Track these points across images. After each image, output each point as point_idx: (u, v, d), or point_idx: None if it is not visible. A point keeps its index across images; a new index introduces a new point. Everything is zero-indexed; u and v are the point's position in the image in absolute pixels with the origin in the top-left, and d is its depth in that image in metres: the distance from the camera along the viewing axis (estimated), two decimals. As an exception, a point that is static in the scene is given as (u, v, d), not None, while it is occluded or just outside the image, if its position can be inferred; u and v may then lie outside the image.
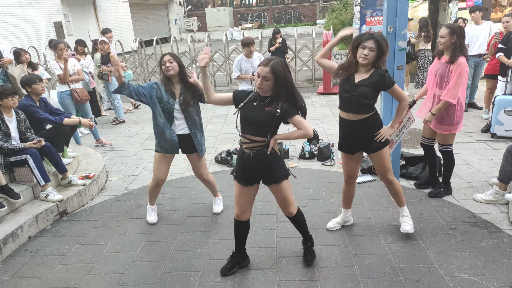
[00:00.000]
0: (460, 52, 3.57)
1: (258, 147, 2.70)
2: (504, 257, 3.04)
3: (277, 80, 2.55)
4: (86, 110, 6.24)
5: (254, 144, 2.69)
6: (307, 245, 3.14)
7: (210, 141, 6.20)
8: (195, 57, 10.78)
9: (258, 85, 2.58)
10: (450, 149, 3.92)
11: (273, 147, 2.70)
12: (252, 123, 2.68)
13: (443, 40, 3.61)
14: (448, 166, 4.00)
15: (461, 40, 3.57)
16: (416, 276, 2.88)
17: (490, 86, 6.33)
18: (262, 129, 2.66)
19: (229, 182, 4.68)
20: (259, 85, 2.58)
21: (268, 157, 2.71)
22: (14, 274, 3.20)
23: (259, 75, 2.56)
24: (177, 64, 3.39)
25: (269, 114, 2.61)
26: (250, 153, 2.72)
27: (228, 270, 3.01)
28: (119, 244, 3.54)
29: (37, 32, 15.61)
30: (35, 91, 4.55)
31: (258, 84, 2.58)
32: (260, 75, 2.56)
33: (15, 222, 3.65)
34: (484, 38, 6.67)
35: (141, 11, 25.58)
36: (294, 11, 30.55)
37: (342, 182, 3.52)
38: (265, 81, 2.55)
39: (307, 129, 2.68)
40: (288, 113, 2.63)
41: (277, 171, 2.77)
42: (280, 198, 2.87)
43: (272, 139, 2.69)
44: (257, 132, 2.67)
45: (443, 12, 9.86)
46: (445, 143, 3.90)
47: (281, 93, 2.60)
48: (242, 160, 2.82)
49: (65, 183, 4.39)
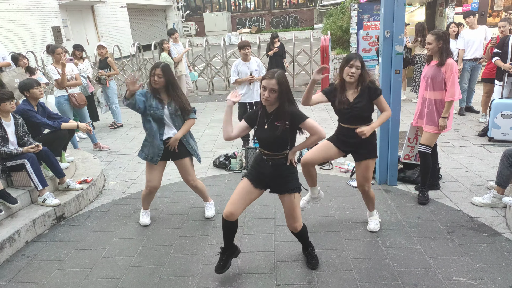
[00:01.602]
0: (447, 55, 3.78)
1: (277, 159, 2.80)
2: (502, 260, 3.04)
3: (281, 90, 2.65)
4: (84, 115, 6.24)
5: (274, 156, 2.80)
6: (308, 250, 3.14)
7: (208, 145, 6.21)
8: (194, 61, 10.81)
9: (266, 98, 2.66)
10: (429, 151, 3.95)
11: (291, 159, 2.81)
12: (269, 142, 2.78)
13: (430, 47, 3.82)
14: (424, 169, 4.01)
15: (447, 44, 3.79)
16: (414, 280, 2.88)
17: (487, 90, 6.36)
18: (280, 145, 2.77)
19: (227, 186, 4.68)
20: (267, 98, 2.66)
21: (286, 168, 2.82)
22: (11, 279, 3.19)
23: (265, 88, 2.65)
24: (163, 81, 3.46)
25: (281, 128, 2.71)
26: (269, 161, 2.82)
27: (222, 268, 2.97)
28: (117, 249, 3.53)
29: (35, 37, 15.63)
30: (33, 95, 4.55)
31: (265, 97, 2.66)
32: (266, 88, 2.64)
33: (12, 227, 3.64)
34: (480, 43, 6.71)
35: (139, 16, 25.65)
36: (292, 16, 30.69)
37: (340, 185, 3.53)
38: (273, 93, 2.64)
39: (320, 131, 2.75)
40: (298, 120, 2.72)
41: (292, 182, 2.86)
42: (289, 210, 2.90)
43: (290, 152, 2.81)
44: (276, 148, 2.79)
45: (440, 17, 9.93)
46: (427, 143, 3.94)
47: (284, 103, 2.69)
48: (258, 164, 2.90)
49: (62, 187, 4.38)
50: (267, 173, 2.85)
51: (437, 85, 3.83)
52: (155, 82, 3.46)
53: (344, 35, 11.67)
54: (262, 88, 2.67)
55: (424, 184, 4.05)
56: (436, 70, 3.82)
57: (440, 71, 3.79)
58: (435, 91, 3.85)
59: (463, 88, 6.90)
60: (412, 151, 4.45)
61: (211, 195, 4.45)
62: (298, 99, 3.26)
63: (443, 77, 3.77)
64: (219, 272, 2.98)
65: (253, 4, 32.04)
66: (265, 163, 2.84)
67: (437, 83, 3.82)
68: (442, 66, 3.76)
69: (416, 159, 4.42)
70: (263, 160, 2.86)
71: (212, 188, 4.66)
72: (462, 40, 6.75)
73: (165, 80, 3.46)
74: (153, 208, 4.20)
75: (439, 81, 3.80)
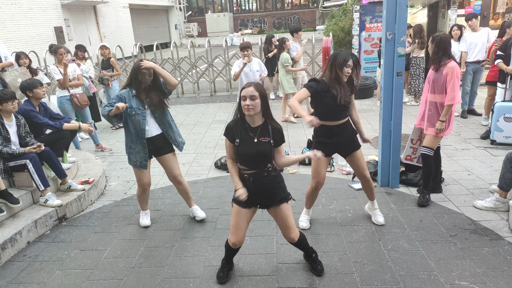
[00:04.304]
0: (447, 57, 3.78)
1: (257, 173, 2.73)
2: (504, 264, 3.03)
3: (261, 98, 2.62)
4: (86, 115, 6.24)
5: (254, 171, 2.73)
6: (311, 257, 3.08)
7: (210, 146, 6.21)
8: (195, 62, 10.82)
9: (248, 108, 2.59)
10: (431, 154, 3.95)
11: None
12: (253, 158, 2.70)
13: (431, 51, 3.87)
14: (427, 171, 4.00)
15: (443, 47, 3.79)
16: (416, 284, 2.87)
17: (491, 93, 6.33)
18: (264, 160, 2.72)
19: (229, 187, 4.68)
20: (250, 107, 2.59)
21: (268, 179, 2.74)
22: (13, 280, 3.19)
23: (245, 97, 2.59)
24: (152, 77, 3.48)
25: (267, 144, 2.67)
26: (250, 178, 2.73)
27: (224, 278, 3.02)
28: (118, 250, 3.53)
29: (37, 37, 15.65)
30: (36, 95, 4.55)
31: (248, 106, 2.58)
32: (246, 97, 2.58)
33: (14, 227, 3.64)
34: (483, 45, 6.69)
35: (142, 16, 25.67)
36: (294, 17, 30.68)
37: (342, 188, 3.53)
38: (253, 100, 2.59)
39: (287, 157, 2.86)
40: (281, 141, 2.75)
41: (278, 193, 2.79)
42: (281, 222, 2.85)
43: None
44: (259, 163, 2.72)
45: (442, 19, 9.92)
46: (429, 145, 3.94)
47: (266, 114, 2.68)
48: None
49: (64, 188, 4.38)
50: (252, 191, 2.72)
51: (438, 88, 3.83)
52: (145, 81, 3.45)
53: (346, 36, 11.68)
54: (242, 99, 2.60)
55: (426, 187, 4.04)
56: (438, 72, 3.81)
57: (441, 74, 3.78)
58: (437, 93, 3.85)
59: (465, 91, 6.89)
60: (415, 153, 4.44)
61: (212, 197, 4.46)
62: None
63: (444, 80, 3.76)
64: (223, 282, 3.00)
65: (255, 5, 32.04)
66: (245, 180, 2.73)
67: (439, 86, 3.81)
68: (445, 68, 3.75)
69: (418, 161, 4.41)
70: (243, 178, 2.74)
71: (213, 190, 4.66)
72: (464, 42, 6.74)
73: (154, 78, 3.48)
74: (155, 210, 4.20)
75: (441, 84, 3.79)
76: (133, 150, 3.60)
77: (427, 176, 4.01)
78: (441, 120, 3.81)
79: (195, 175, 5.16)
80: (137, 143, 3.55)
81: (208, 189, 4.71)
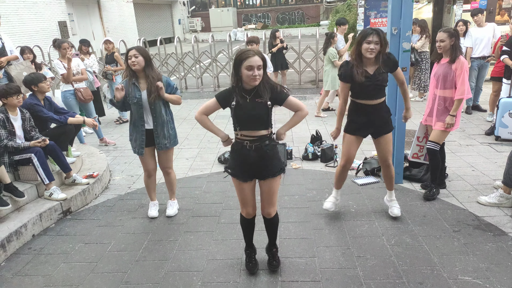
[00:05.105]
0: (459, 52, 3.78)
1: (259, 140, 2.69)
2: (508, 260, 3.03)
3: (264, 65, 2.58)
4: (90, 110, 6.26)
5: (255, 138, 2.69)
6: (272, 251, 3.08)
7: (213, 141, 6.21)
8: (199, 57, 10.81)
9: (256, 78, 2.52)
10: (437, 148, 3.94)
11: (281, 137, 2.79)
12: (250, 120, 2.66)
13: (443, 44, 3.78)
14: (433, 166, 4.00)
15: (457, 41, 3.79)
16: (419, 279, 2.88)
17: (496, 89, 6.30)
18: (261, 123, 2.67)
19: (232, 182, 4.67)
20: (257, 77, 2.52)
21: (269, 148, 2.72)
22: (18, 272, 3.22)
23: (252, 67, 2.50)
24: (142, 59, 3.45)
25: (262, 105, 2.62)
26: (252, 146, 2.68)
27: (254, 267, 3.04)
28: (122, 243, 3.55)
29: (41, 31, 15.68)
30: (41, 89, 4.57)
31: (256, 77, 2.51)
32: (254, 67, 2.50)
33: (19, 220, 3.67)
34: (488, 40, 6.65)
35: (145, 11, 25.66)
36: (298, 12, 30.56)
37: (345, 183, 3.54)
38: (260, 70, 2.54)
39: (304, 106, 2.76)
40: (280, 96, 2.66)
41: (276, 164, 2.78)
42: (267, 195, 2.83)
43: (281, 130, 2.78)
44: (257, 126, 2.67)
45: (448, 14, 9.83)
46: (436, 140, 3.93)
47: (263, 78, 2.60)
48: (240, 155, 2.74)
49: (69, 182, 4.41)
50: (251, 160, 2.70)
51: (448, 83, 3.81)
52: (133, 64, 3.42)
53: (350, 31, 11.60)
54: (247, 68, 2.50)
55: (433, 181, 4.04)
56: (447, 67, 3.80)
57: (451, 69, 3.77)
58: (446, 89, 3.84)
59: (470, 87, 6.85)
60: (422, 150, 4.42)
61: (216, 191, 4.47)
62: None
63: (454, 75, 3.76)
64: (253, 272, 3.02)
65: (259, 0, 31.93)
66: (247, 149, 2.68)
67: (448, 81, 3.80)
68: (453, 63, 3.75)
69: (425, 159, 4.39)
70: (244, 147, 2.70)
71: (217, 184, 4.67)
72: (470, 38, 6.69)
73: (144, 58, 3.45)
74: (159, 204, 4.22)
75: (450, 79, 3.78)
76: (132, 137, 3.74)
77: (434, 170, 4.00)
78: (451, 115, 3.81)
79: (199, 170, 5.18)
80: (134, 130, 3.69)
81: (212, 183, 4.73)
